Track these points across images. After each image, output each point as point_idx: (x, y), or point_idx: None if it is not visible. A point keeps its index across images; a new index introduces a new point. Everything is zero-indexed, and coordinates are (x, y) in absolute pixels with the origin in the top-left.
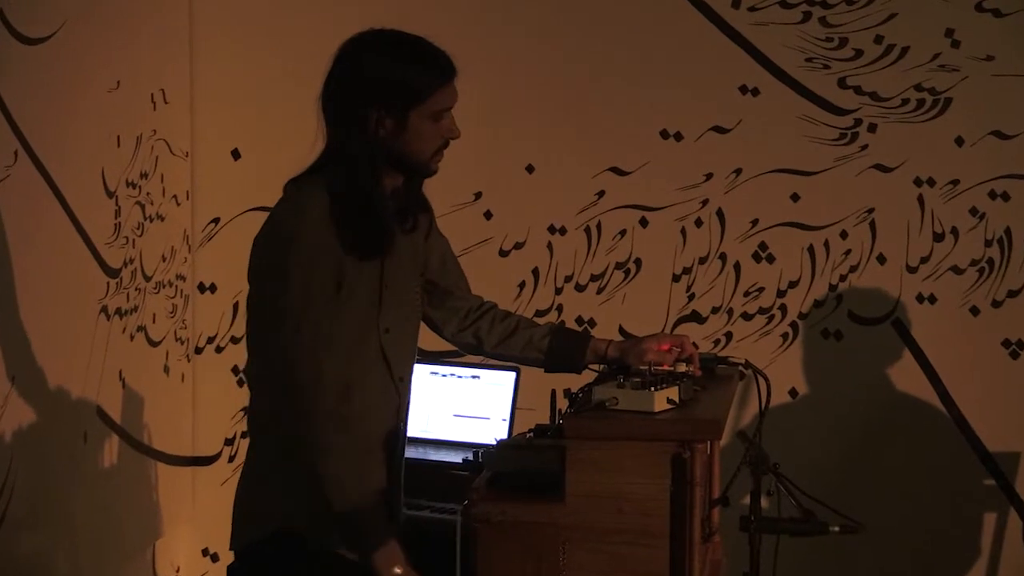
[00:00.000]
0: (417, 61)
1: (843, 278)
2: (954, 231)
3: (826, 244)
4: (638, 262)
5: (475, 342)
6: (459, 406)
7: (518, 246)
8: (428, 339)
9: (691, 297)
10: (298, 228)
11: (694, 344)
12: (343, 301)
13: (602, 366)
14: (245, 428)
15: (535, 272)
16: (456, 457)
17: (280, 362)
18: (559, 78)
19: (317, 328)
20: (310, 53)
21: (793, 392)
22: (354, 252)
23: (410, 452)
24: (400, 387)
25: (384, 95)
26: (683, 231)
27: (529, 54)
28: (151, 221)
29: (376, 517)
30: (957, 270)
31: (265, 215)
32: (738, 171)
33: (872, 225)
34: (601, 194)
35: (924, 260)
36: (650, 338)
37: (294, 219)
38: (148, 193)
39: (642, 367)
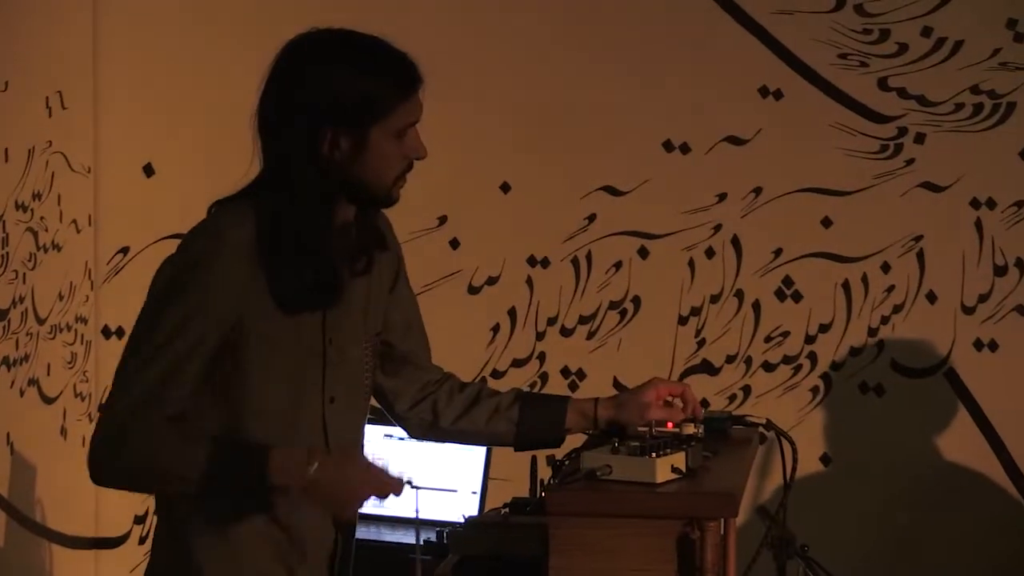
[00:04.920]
0: (378, 69)
1: (885, 320)
2: (1019, 263)
3: (864, 279)
4: (636, 300)
5: (431, 417)
6: (419, 476)
7: (491, 281)
8: None
9: (701, 343)
10: (204, 255)
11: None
12: (252, 363)
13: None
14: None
15: (511, 313)
16: (415, 538)
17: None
18: (540, 78)
19: (163, 388)
20: (238, 48)
21: (825, 459)
22: (283, 301)
23: (360, 531)
24: None
25: (340, 110)
26: (691, 263)
27: (503, 50)
28: (46, 251)
29: (229, 451)
30: (1022, 310)
31: None
32: (757, 191)
33: (920, 256)
34: (592, 218)
35: (983, 299)
36: (647, 388)
37: (203, 243)
38: (42, 217)
39: (643, 428)
